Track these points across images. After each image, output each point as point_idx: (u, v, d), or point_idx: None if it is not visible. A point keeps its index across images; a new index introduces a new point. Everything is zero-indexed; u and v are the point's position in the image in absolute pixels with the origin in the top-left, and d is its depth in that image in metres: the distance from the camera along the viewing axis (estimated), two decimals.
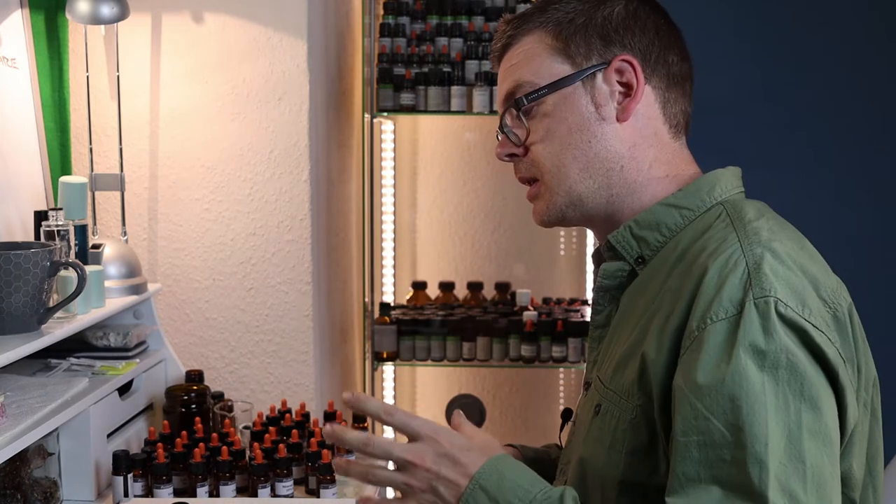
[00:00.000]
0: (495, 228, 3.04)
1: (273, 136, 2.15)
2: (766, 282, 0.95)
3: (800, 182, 2.74)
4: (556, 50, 1.13)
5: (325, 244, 2.33)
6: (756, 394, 0.92)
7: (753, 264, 0.97)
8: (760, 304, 0.94)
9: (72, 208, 1.78)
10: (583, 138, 1.11)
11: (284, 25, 2.12)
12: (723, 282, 0.97)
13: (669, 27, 1.16)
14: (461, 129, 3.02)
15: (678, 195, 1.11)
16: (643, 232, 1.10)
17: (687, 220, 1.10)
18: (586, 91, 1.12)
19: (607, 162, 1.12)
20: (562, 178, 1.13)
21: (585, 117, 1.12)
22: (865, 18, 2.83)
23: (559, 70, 1.12)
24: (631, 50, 1.12)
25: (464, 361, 2.73)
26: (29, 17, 1.94)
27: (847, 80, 2.85)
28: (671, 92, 1.14)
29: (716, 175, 1.13)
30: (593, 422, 1.07)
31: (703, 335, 0.95)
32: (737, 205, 1.09)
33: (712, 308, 0.96)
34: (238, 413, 1.88)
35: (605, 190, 1.12)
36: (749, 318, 0.94)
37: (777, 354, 0.93)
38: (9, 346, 1.43)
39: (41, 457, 1.57)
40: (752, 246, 0.99)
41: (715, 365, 0.93)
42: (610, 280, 1.13)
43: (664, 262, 1.08)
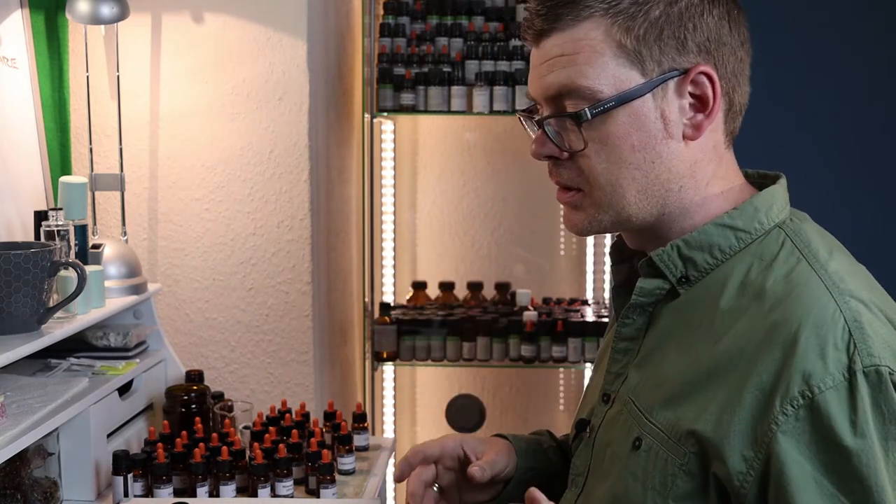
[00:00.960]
0: (495, 228, 3.04)
1: (273, 136, 2.15)
2: (872, 346, 0.89)
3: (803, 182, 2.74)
4: (625, 51, 0.97)
5: (325, 244, 2.33)
6: (881, 472, 0.87)
7: (853, 321, 0.90)
8: (871, 373, 0.88)
9: (72, 208, 1.78)
10: (646, 158, 0.98)
11: (284, 25, 2.12)
12: (823, 342, 0.89)
13: (739, 13, 1.03)
14: (461, 129, 3.02)
15: (733, 214, 1.00)
16: (692, 253, 1.00)
17: (743, 243, 1.00)
18: (656, 104, 0.98)
19: (668, 183, 1.00)
20: (615, 199, 1.00)
21: (652, 134, 0.98)
22: (868, 18, 2.83)
23: (627, 77, 0.97)
24: (706, 53, 0.98)
25: (464, 361, 2.73)
26: (29, 17, 1.94)
27: (850, 80, 2.85)
28: (736, 94, 1.02)
29: (772, 193, 1.03)
30: (631, 456, 0.99)
31: (813, 405, 0.88)
32: (801, 234, 1.00)
33: (816, 374, 0.88)
34: (238, 413, 1.88)
35: (658, 210, 1.01)
36: (861, 391, 0.87)
37: (888, 427, 0.88)
38: (9, 346, 1.43)
39: (41, 457, 1.57)
40: (843, 297, 0.92)
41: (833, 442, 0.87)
42: (646, 297, 1.03)
43: (721, 288, 0.98)
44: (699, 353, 0.97)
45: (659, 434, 0.97)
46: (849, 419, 0.87)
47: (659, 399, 0.98)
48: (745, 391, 0.91)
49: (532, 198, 3.03)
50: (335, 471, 1.73)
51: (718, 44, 1.00)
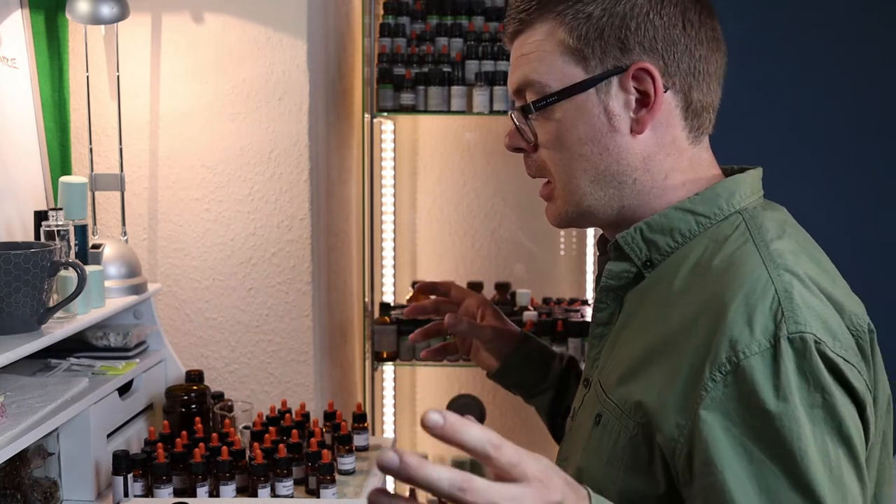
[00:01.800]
0: (495, 228, 3.05)
1: (273, 136, 2.15)
2: (798, 314, 0.91)
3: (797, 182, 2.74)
4: (569, 50, 1.04)
5: (325, 244, 2.33)
6: (804, 437, 0.88)
7: (783, 292, 0.93)
8: (796, 339, 0.90)
9: (72, 208, 1.78)
10: (593, 150, 1.05)
11: (284, 25, 2.12)
12: (752, 310, 0.92)
13: (701, 14, 1.07)
14: (461, 129, 3.02)
15: (694, 199, 1.05)
16: (654, 236, 1.05)
17: (702, 227, 1.04)
18: (599, 99, 1.04)
19: (619, 175, 1.05)
20: (572, 189, 1.07)
21: (597, 128, 1.04)
22: (862, 19, 2.83)
23: (571, 74, 1.04)
24: (652, 52, 1.03)
25: (464, 361, 2.73)
26: (29, 17, 1.94)
27: (844, 80, 2.85)
28: (695, 92, 1.06)
29: (735, 181, 1.06)
30: (593, 432, 1.04)
31: (739, 371, 0.90)
32: (757, 218, 1.03)
33: (742, 341, 0.91)
34: (238, 413, 1.88)
35: (617, 201, 1.07)
36: (785, 356, 0.90)
37: (813, 395, 0.90)
38: (9, 346, 1.43)
39: (41, 457, 1.57)
40: (778, 270, 0.95)
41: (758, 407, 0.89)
42: (615, 280, 1.08)
43: (676, 270, 1.03)
44: (652, 331, 1.01)
45: (615, 409, 1.01)
46: (772, 384, 0.89)
47: (616, 376, 1.03)
48: (684, 361, 0.95)
49: (532, 198, 3.01)
50: (335, 471, 1.73)
51: (667, 42, 1.04)
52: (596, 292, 1.13)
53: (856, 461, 0.91)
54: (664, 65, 1.03)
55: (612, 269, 1.08)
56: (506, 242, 3.05)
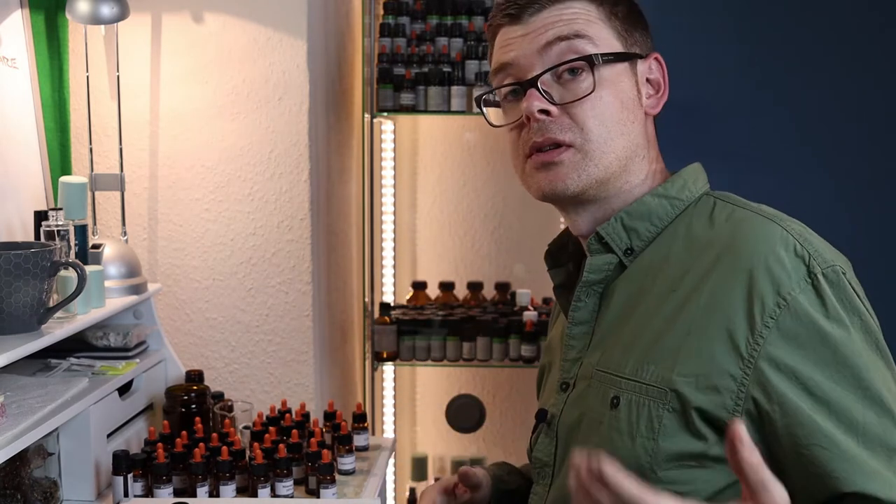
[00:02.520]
0: (495, 228, 3.04)
1: (273, 136, 2.15)
2: (822, 251, 1.00)
3: (797, 183, 2.74)
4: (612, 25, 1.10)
5: (325, 244, 2.33)
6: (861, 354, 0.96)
7: (800, 236, 1.00)
8: (829, 272, 0.98)
9: (72, 208, 1.78)
10: (628, 118, 1.09)
11: (284, 25, 2.12)
12: (782, 259, 0.98)
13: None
14: (461, 129, 3.02)
15: (667, 186, 1.11)
16: (634, 223, 1.10)
17: (677, 209, 1.10)
18: (634, 72, 1.11)
19: (637, 148, 1.11)
20: (606, 151, 1.08)
21: (632, 98, 1.10)
22: (865, 18, 2.83)
23: (615, 45, 1.10)
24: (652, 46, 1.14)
25: (464, 361, 2.73)
26: (29, 17, 1.94)
27: (845, 80, 2.85)
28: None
29: (694, 169, 1.15)
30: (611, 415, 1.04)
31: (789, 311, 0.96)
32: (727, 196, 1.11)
33: (784, 285, 0.97)
34: (238, 413, 1.88)
35: (625, 175, 1.10)
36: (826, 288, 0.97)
37: (852, 317, 0.97)
38: (9, 346, 1.43)
39: (41, 457, 1.57)
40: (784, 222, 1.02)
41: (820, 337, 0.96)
42: (595, 274, 1.11)
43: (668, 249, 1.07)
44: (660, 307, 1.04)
45: (637, 386, 1.03)
46: (823, 314, 0.97)
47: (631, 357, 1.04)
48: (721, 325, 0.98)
49: (532, 197, 3.02)
50: (335, 471, 1.73)
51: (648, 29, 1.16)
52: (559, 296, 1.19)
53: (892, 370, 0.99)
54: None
55: (594, 262, 1.11)
56: (506, 242, 3.05)
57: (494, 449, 3.02)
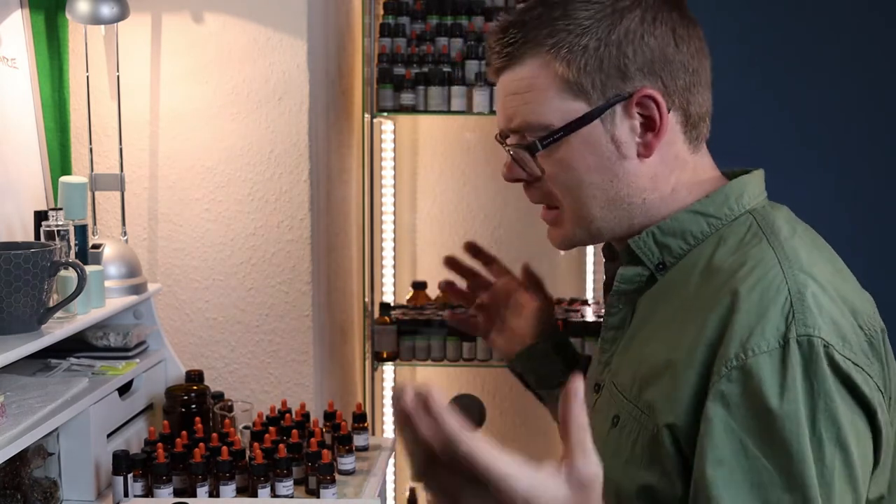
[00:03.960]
0: (495, 228, 3.04)
1: (273, 136, 2.15)
2: (809, 316, 0.92)
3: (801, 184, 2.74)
4: (568, 84, 1.02)
5: (325, 244, 2.33)
6: (804, 441, 0.89)
7: (796, 293, 0.93)
8: (804, 342, 0.91)
9: (72, 208, 1.78)
10: (603, 178, 1.04)
11: (284, 25, 2.12)
12: (764, 310, 0.93)
13: (688, 27, 1.06)
14: (461, 129, 3.02)
15: (704, 202, 1.05)
16: (666, 239, 1.05)
17: (714, 228, 1.04)
18: (605, 128, 1.03)
19: (629, 198, 1.05)
20: (582, 214, 1.07)
21: (605, 156, 1.04)
22: (866, 18, 2.83)
23: (573, 108, 1.03)
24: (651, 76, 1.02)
25: (464, 361, 2.73)
26: (29, 17, 1.94)
27: (849, 81, 2.85)
28: (692, 106, 1.06)
29: (742, 182, 1.07)
30: (611, 434, 1.03)
31: (745, 368, 0.91)
32: (768, 217, 1.04)
33: (752, 339, 0.91)
34: (238, 413, 1.88)
35: (626, 220, 1.07)
36: (793, 358, 0.90)
37: (816, 399, 0.90)
38: (9, 346, 1.43)
39: (41, 457, 1.57)
40: (793, 270, 0.95)
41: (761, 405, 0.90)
42: (627, 285, 1.08)
43: (688, 272, 1.03)
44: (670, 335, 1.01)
45: (633, 410, 1.01)
46: (778, 384, 0.90)
47: (633, 379, 1.03)
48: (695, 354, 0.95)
49: None
50: (335, 471, 1.73)
51: (664, 62, 1.04)
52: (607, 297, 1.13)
53: (850, 469, 0.91)
54: (663, 86, 1.03)
55: (625, 273, 1.08)
56: (506, 242, 3.05)
57: None
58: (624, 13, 1.02)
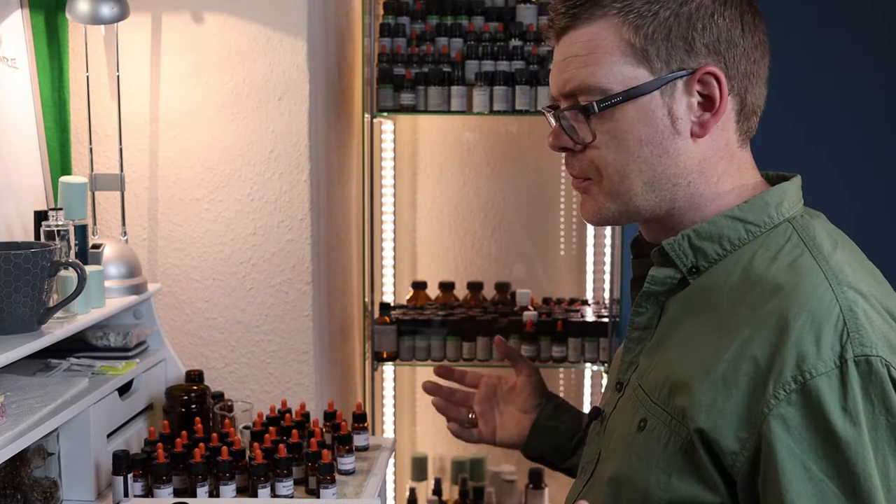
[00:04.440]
0: (495, 228, 3.04)
1: (273, 136, 2.15)
2: (864, 335, 0.91)
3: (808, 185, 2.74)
4: (634, 50, 1.01)
5: (325, 244, 2.33)
6: (869, 461, 0.89)
7: (848, 311, 0.93)
8: (861, 362, 0.90)
9: (72, 208, 1.78)
10: (653, 152, 1.02)
11: (284, 25, 2.12)
12: (818, 330, 0.92)
13: (755, 16, 1.06)
14: (461, 129, 3.02)
15: (744, 207, 1.04)
16: (702, 243, 1.04)
17: (752, 235, 1.03)
18: (664, 101, 1.02)
19: (675, 178, 1.04)
20: (622, 189, 1.05)
21: (659, 130, 1.02)
22: (867, 18, 2.83)
23: (635, 74, 1.01)
24: (715, 55, 1.02)
25: (464, 361, 2.73)
26: (29, 17, 1.94)
27: (853, 79, 2.85)
28: (749, 95, 1.05)
29: (783, 189, 1.06)
30: (637, 437, 1.03)
31: (805, 391, 0.90)
32: (808, 227, 1.03)
33: (808, 360, 0.91)
34: (238, 413, 1.88)
35: (668, 203, 1.05)
36: (852, 378, 0.90)
37: (878, 417, 0.90)
38: (9, 346, 1.43)
39: (41, 457, 1.57)
40: (841, 287, 0.95)
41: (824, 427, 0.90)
42: (658, 286, 1.07)
43: (725, 278, 1.02)
44: (703, 340, 1.00)
45: (663, 415, 1.00)
46: (840, 406, 0.90)
47: (664, 383, 1.01)
48: (740, 374, 0.94)
49: (532, 198, 3.03)
50: (335, 471, 1.73)
51: (729, 45, 1.03)
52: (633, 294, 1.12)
53: None
54: (725, 67, 1.02)
55: (656, 275, 1.07)
56: (506, 242, 3.05)
57: (494, 449, 3.02)
58: None
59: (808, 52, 2.83)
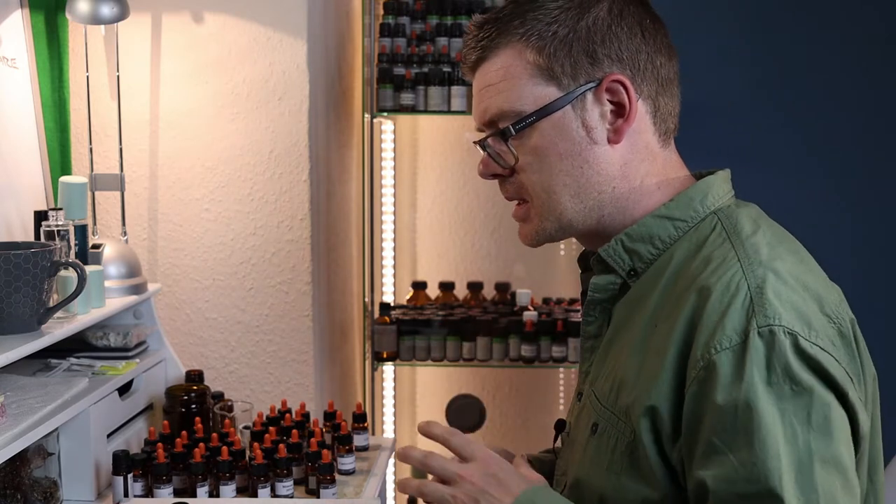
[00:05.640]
0: (495, 228, 3.04)
1: (273, 136, 2.15)
2: (769, 308, 0.94)
3: (795, 183, 2.74)
4: (540, 70, 1.06)
5: (325, 244, 2.33)
6: (767, 426, 0.90)
7: (756, 288, 0.95)
8: (765, 332, 0.93)
9: (72, 208, 1.78)
10: (574, 164, 1.07)
11: (284, 25, 2.12)
12: (725, 308, 0.95)
13: (654, 23, 1.10)
14: (461, 129, 3.02)
15: (670, 206, 1.07)
16: (635, 245, 1.07)
17: (681, 231, 1.07)
18: (576, 114, 1.06)
19: (599, 185, 1.07)
20: (552, 205, 1.08)
21: (576, 142, 1.06)
22: (863, 17, 2.83)
23: (545, 93, 1.06)
24: (619, 63, 1.06)
25: (464, 361, 2.73)
26: (29, 17, 1.94)
27: (844, 79, 2.85)
28: (661, 98, 1.09)
29: (707, 183, 1.09)
30: (590, 441, 1.06)
31: (710, 366, 0.93)
32: (731, 216, 1.06)
33: (716, 337, 0.94)
34: (238, 413, 1.88)
35: (597, 211, 1.09)
36: (754, 349, 0.92)
37: (781, 385, 0.92)
38: (9, 346, 1.43)
39: (41, 457, 1.57)
40: (752, 266, 0.98)
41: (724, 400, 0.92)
42: (601, 293, 1.10)
43: (658, 276, 1.05)
44: (642, 338, 1.03)
45: (610, 417, 1.03)
46: (735, 376, 0.92)
47: (610, 386, 1.05)
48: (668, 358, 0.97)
49: None
50: (335, 471, 1.73)
51: (632, 52, 1.07)
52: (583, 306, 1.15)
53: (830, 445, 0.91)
54: (632, 74, 1.06)
55: (598, 282, 1.10)
56: (506, 242, 3.05)
57: None
58: (592, 4, 1.07)
59: (808, 52, 2.83)
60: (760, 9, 2.81)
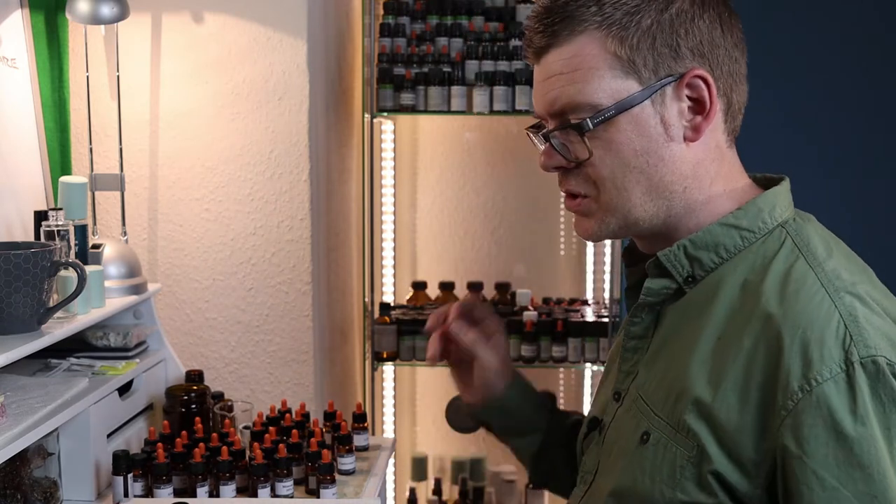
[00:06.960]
0: (495, 228, 3.05)
1: (273, 136, 2.15)
2: (867, 337, 0.91)
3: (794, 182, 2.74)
4: (620, 62, 1.00)
5: (325, 244, 2.33)
6: (883, 460, 0.89)
7: (848, 315, 0.93)
8: (868, 363, 0.90)
9: (72, 208, 1.78)
10: (649, 162, 1.02)
11: (284, 25, 2.12)
12: (820, 337, 0.91)
13: (731, 16, 1.05)
14: (461, 129, 3.02)
15: (738, 214, 1.03)
16: (698, 252, 1.03)
17: (747, 242, 1.03)
18: (655, 109, 1.01)
19: (672, 185, 1.03)
20: (621, 202, 1.03)
21: (653, 139, 1.01)
22: (864, 17, 2.83)
23: (624, 86, 1.00)
24: (700, 57, 1.01)
25: None
26: (29, 17, 1.94)
27: (844, 79, 2.85)
28: (734, 93, 1.05)
29: (775, 193, 1.05)
30: (639, 450, 1.01)
31: (810, 398, 0.90)
32: (801, 232, 1.02)
33: (814, 367, 0.90)
34: (238, 413, 1.88)
35: (665, 212, 1.04)
36: (860, 381, 0.90)
37: (889, 416, 0.90)
38: (9, 346, 1.43)
39: (41, 457, 1.57)
40: (839, 294, 0.95)
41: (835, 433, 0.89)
42: (654, 297, 1.06)
43: (719, 286, 1.01)
44: (702, 350, 0.99)
45: (667, 429, 0.99)
46: (849, 408, 0.89)
47: (666, 395, 1.01)
48: (751, 387, 0.94)
49: (532, 198, 3.03)
50: (335, 471, 1.73)
51: (712, 46, 1.03)
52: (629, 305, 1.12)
53: None
54: (710, 69, 1.02)
55: (652, 286, 1.06)
56: (506, 242, 3.05)
57: (494, 449, 3.02)
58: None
59: (808, 53, 2.83)
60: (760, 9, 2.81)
